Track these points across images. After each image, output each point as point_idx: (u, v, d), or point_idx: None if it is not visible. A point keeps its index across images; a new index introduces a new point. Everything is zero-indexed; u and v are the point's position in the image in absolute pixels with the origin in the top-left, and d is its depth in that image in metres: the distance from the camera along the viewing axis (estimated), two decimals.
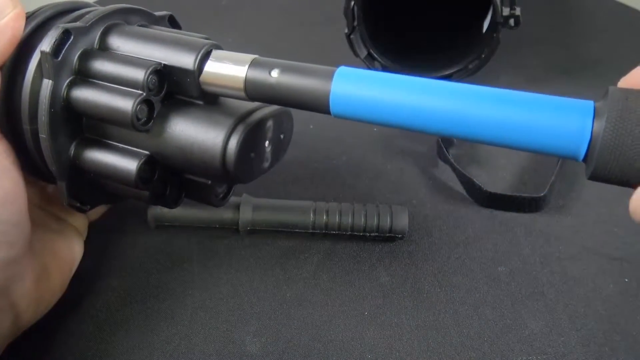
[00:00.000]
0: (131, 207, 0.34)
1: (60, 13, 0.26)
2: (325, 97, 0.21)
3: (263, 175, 0.26)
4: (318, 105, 0.22)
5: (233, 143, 0.23)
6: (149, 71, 0.23)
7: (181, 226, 0.34)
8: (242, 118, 0.24)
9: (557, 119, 0.18)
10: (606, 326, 0.30)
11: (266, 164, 0.26)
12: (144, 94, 0.23)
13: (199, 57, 0.23)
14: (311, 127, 0.43)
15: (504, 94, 0.19)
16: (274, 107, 0.25)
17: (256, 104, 0.25)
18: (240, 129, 0.23)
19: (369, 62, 0.47)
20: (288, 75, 0.22)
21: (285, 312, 0.30)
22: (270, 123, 0.25)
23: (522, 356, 0.28)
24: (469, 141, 0.20)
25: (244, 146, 0.23)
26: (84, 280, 0.31)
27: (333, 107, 0.21)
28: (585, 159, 0.19)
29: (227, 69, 0.23)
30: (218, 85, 0.23)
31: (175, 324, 0.30)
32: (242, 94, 0.23)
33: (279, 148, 0.27)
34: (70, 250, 0.29)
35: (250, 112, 0.24)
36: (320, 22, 0.59)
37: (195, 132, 0.24)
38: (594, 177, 0.18)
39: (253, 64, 0.23)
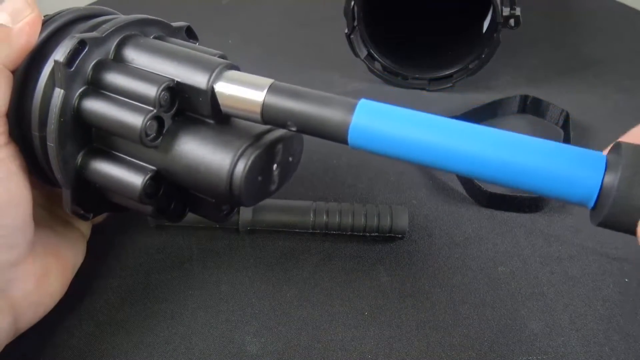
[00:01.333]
0: None
1: (78, 19, 0.26)
2: (344, 128, 0.21)
3: None
4: (336, 135, 0.22)
5: (240, 167, 0.23)
6: (161, 88, 0.23)
7: (181, 226, 0.34)
8: (252, 141, 0.23)
9: (571, 169, 0.19)
10: (606, 326, 0.30)
11: (273, 187, 0.26)
12: (155, 110, 0.23)
13: (212, 77, 0.23)
14: None
15: (522, 140, 0.20)
16: (285, 130, 0.25)
17: (268, 126, 0.24)
18: (248, 153, 0.23)
19: (369, 62, 0.47)
20: (308, 104, 0.22)
21: (285, 312, 0.30)
22: (280, 146, 0.25)
23: (522, 356, 0.28)
24: (484, 182, 0.20)
25: (251, 170, 0.23)
26: (84, 280, 0.31)
27: (351, 139, 0.21)
28: (594, 207, 0.19)
29: (244, 92, 0.23)
30: (233, 107, 0.23)
31: (175, 324, 0.30)
32: (258, 117, 0.23)
33: (287, 170, 0.26)
34: (72, 252, 0.29)
35: (261, 135, 0.24)
36: (320, 22, 0.59)
37: (203, 153, 0.23)
38: (602, 224, 0.19)
39: (271, 89, 0.22)
